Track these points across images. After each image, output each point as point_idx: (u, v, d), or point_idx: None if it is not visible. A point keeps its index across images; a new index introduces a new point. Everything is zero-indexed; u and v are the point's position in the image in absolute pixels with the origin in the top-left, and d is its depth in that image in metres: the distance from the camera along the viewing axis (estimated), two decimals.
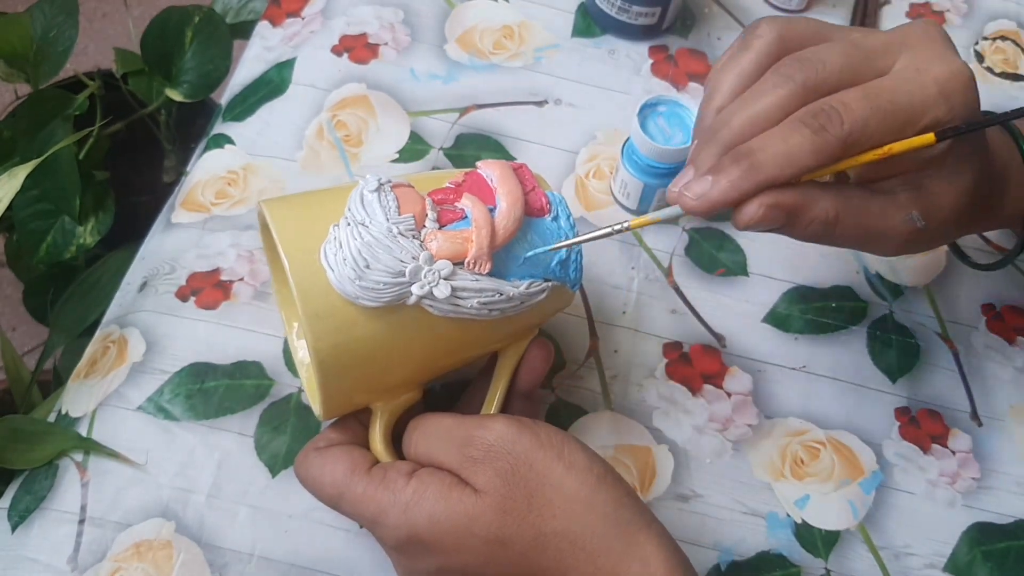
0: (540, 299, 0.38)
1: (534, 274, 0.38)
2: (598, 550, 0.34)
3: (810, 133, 0.34)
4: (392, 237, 0.35)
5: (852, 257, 0.54)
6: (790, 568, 0.45)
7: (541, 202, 0.38)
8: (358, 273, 0.34)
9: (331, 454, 0.38)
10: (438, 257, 0.35)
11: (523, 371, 0.41)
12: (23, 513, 0.44)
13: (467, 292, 0.36)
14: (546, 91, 0.59)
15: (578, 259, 0.39)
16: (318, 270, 0.35)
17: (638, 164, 0.51)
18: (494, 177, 0.38)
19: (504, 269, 0.37)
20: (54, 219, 0.68)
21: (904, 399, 0.50)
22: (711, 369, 0.50)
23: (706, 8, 0.64)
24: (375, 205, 0.35)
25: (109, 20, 1.42)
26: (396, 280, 0.35)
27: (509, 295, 0.37)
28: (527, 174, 0.39)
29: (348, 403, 0.39)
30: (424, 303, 0.35)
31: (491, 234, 0.36)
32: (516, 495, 0.34)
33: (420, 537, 0.35)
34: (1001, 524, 0.47)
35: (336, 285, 0.34)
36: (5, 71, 0.70)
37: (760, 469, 0.48)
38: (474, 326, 0.37)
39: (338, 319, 0.35)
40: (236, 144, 0.55)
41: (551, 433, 0.36)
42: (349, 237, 0.35)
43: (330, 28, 0.60)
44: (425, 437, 0.38)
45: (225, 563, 0.43)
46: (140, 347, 0.48)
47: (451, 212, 0.37)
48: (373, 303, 0.35)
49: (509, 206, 0.37)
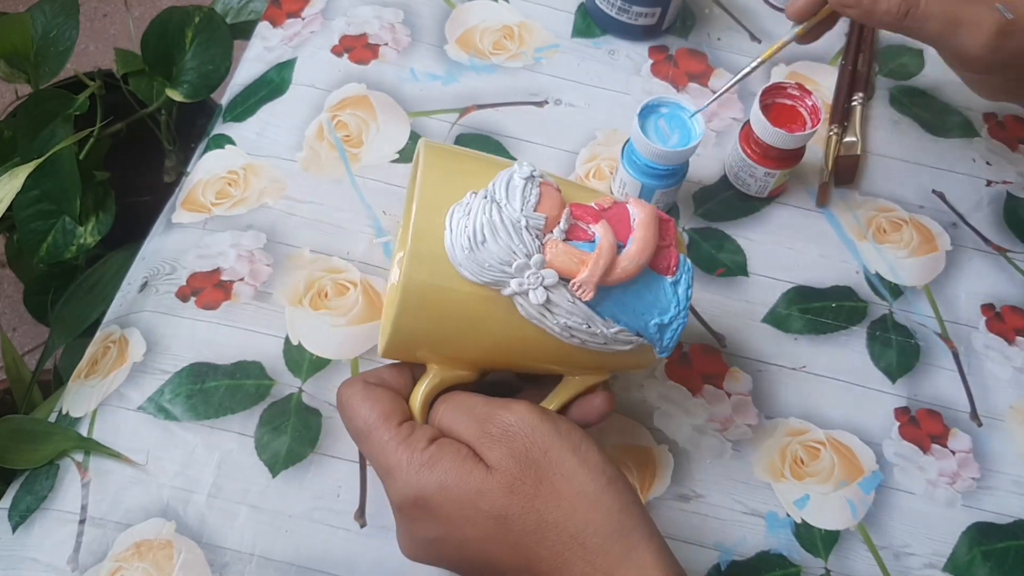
0: (623, 349, 0.38)
1: (630, 324, 0.38)
2: (597, 549, 0.34)
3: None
4: (518, 228, 0.35)
5: (851, 257, 0.54)
6: (790, 568, 0.46)
7: (670, 262, 0.38)
8: (471, 244, 0.35)
9: (375, 393, 0.38)
10: (549, 265, 0.36)
11: (577, 409, 0.41)
12: (24, 513, 0.44)
13: (559, 309, 0.36)
14: (546, 91, 0.59)
15: (679, 329, 0.39)
16: (440, 226, 0.36)
17: (637, 164, 0.51)
18: (638, 218, 0.38)
19: (603, 305, 0.37)
20: (55, 219, 0.68)
21: (904, 399, 0.50)
22: (711, 369, 0.50)
23: (706, 9, 0.64)
24: (517, 192, 0.36)
25: (110, 20, 1.42)
26: (501, 267, 0.35)
27: (595, 331, 0.37)
28: (671, 229, 0.39)
29: (410, 350, 0.39)
30: (516, 300, 0.36)
31: (608, 267, 0.36)
32: (526, 477, 0.35)
33: (427, 501, 0.35)
34: (1001, 524, 0.48)
35: (448, 247, 0.36)
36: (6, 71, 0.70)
37: (760, 469, 0.48)
38: (551, 343, 0.37)
39: (437, 271, 0.36)
40: (236, 144, 0.55)
41: (571, 428, 0.37)
42: (480, 210, 0.36)
43: (330, 28, 0.60)
44: (450, 408, 0.38)
45: (225, 563, 0.43)
46: (141, 347, 0.48)
47: (582, 231, 0.37)
48: (472, 277, 0.36)
49: (638, 250, 0.37)
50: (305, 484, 0.45)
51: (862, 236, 0.55)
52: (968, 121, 0.60)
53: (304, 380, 0.48)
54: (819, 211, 0.56)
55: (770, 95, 0.52)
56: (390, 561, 0.42)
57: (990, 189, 0.58)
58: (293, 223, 0.52)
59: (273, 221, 0.52)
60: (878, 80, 0.62)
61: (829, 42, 0.63)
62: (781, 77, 0.61)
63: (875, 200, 0.57)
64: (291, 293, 0.50)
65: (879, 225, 0.56)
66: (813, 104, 0.51)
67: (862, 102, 0.60)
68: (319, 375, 0.48)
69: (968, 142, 0.60)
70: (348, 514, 0.45)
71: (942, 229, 0.56)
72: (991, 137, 0.60)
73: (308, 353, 0.48)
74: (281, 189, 0.54)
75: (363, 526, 0.45)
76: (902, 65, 0.63)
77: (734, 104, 0.59)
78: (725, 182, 0.56)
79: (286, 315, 0.49)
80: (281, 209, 0.53)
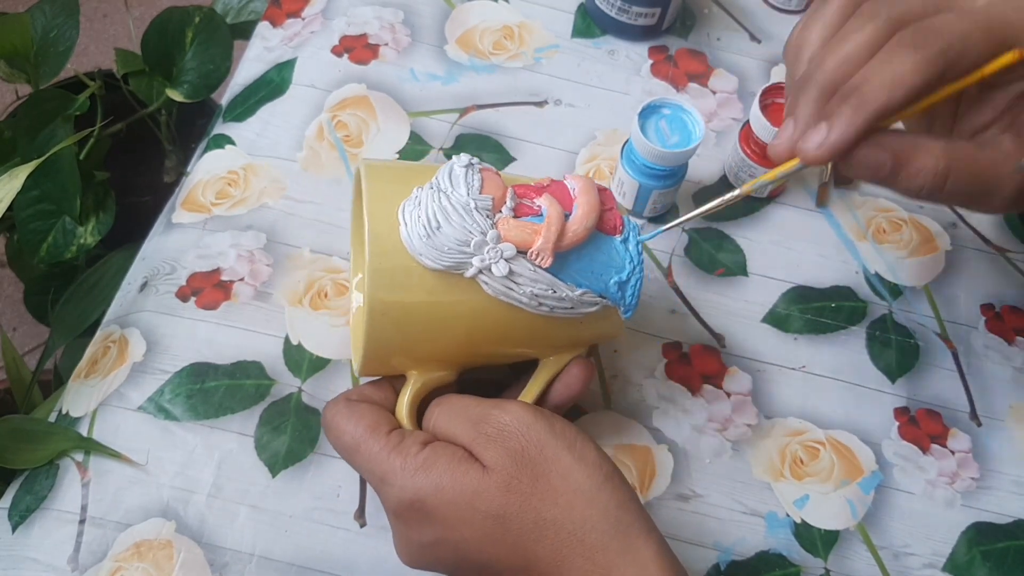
0: (590, 311, 0.39)
1: (592, 286, 0.39)
2: (596, 545, 0.34)
3: (911, 50, 0.33)
4: (468, 210, 0.36)
5: (851, 257, 0.54)
6: (789, 568, 0.46)
7: (616, 222, 0.40)
8: (427, 231, 0.36)
9: (359, 408, 0.39)
10: (504, 240, 0.37)
11: (560, 385, 0.42)
12: (24, 513, 0.44)
13: (523, 279, 0.37)
14: (546, 91, 0.59)
15: (637, 285, 0.40)
16: (394, 225, 0.37)
17: (635, 165, 0.51)
18: (577, 187, 0.39)
19: (564, 272, 0.38)
20: (55, 219, 0.68)
21: (903, 399, 0.50)
22: (711, 369, 0.50)
23: (706, 9, 0.64)
24: (460, 179, 0.37)
25: (110, 20, 1.42)
26: (460, 248, 0.36)
27: (561, 295, 0.38)
28: (609, 196, 0.40)
29: (386, 362, 0.40)
30: (480, 278, 0.37)
31: (559, 232, 0.37)
32: (522, 476, 0.35)
33: (423, 503, 0.35)
34: (1000, 524, 0.48)
35: (404, 239, 0.36)
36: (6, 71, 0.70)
37: (759, 469, 0.48)
38: (522, 316, 0.38)
39: (399, 275, 0.37)
40: (236, 144, 0.55)
41: (566, 426, 0.37)
42: (429, 200, 0.37)
43: (330, 29, 0.60)
44: (444, 412, 0.39)
45: (225, 563, 0.43)
46: (141, 347, 0.48)
47: (528, 207, 0.38)
48: (434, 264, 0.36)
49: (584, 213, 0.38)
50: (305, 484, 0.45)
51: (862, 236, 0.55)
52: None
53: (304, 380, 0.48)
54: (819, 211, 0.56)
55: (770, 95, 0.52)
56: (389, 561, 0.42)
57: None
58: (293, 223, 0.52)
59: (273, 221, 0.52)
60: None
61: None
62: (781, 77, 0.61)
63: (875, 200, 0.57)
64: (291, 293, 0.50)
65: (879, 225, 0.56)
66: None
67: None
68: (319, 375, 0.48)
69: None
70: (348, 514, 0.45)
71: (942, 229, 0.56)
72: None
73: (308, 353, 0.48)
74: (281, 189, 0.54)
75: (363, 526, 0.45)
76: None
77: (734, 104, 0.59)
78: (725, 182, 0.56)
79: (286, 315, 0.49)
80: (281, 209, 0.53)
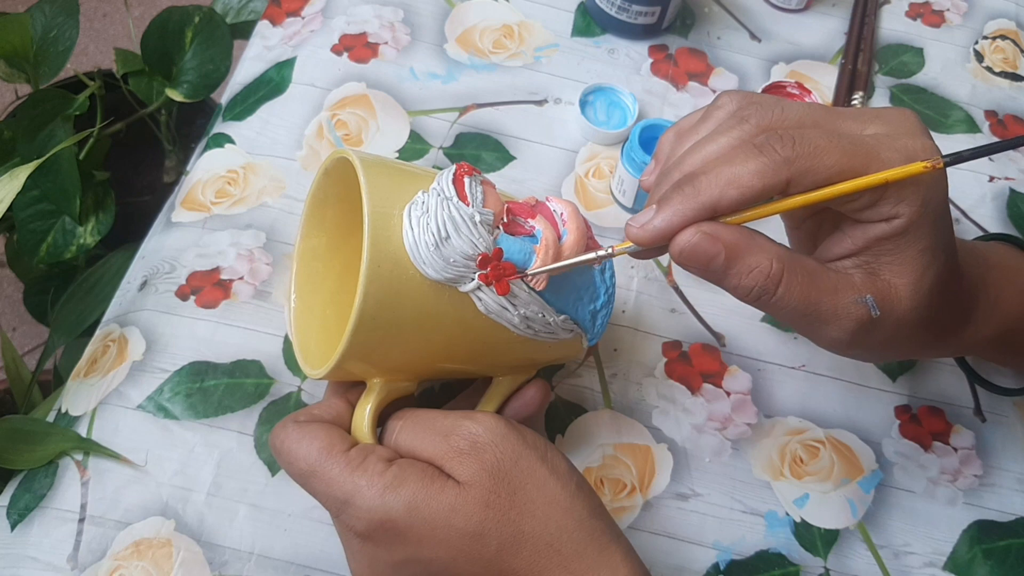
0: (567, 338, 0.39)
1: (570, 312, 0.39)
2: (572, 555, 0.34)
3: (756, 152, 0.32)
4: (474, 223, 0.35)
5: None
6: (789, 567, 0.45)
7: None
8: (437, 241, 0.35)
9: (309, 429, 0.36)
10: None
11: (517, 403, 0.41)
12: (23, 511, 0.44)
13: (518, 300, 0.37)
14: (546, 90, 0.59)
15: (607, 314, 0.40)
16: (394, 229, 0.35)
17: (636, 163, 0.51)
18: (565, 213, 0.39)
19: (548, 296, 0.38)
20: (55, 219, 0.68)
21: (905, 397, 0.50)
22: (710, 368, 0.50)
23: (706, 8, 0.64)
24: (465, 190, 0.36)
25: (109, 20, 1.43)
26: (465, 262, 0.35)
27: (548, 319, 0.38)
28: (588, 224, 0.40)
29: (357, 369, 0.38)
30: (476, 294, 0.36)
31: (556, 256, 0.37)
32: (500, 490, 0.34)
33: (394, 523, 0.34)
34: (1002, 522, 0.47)
35: (409, 246, 0.35)
36: (5, 71, 0.70)
37: (759, 468, 0.48)
38: (504, 336, 0.38)
39: (396, 282, 0.35)
40: (236, 143, 0.55)
41: (535, 437, 0.37)
42: (438, 207, 0.35)
43: (330, 27, 0.60)
44: (409, 425, 0.37)
45: (225, 561, 0.43)
46: (140, 346, 0.48)
47: (521, 227, 0.38)
48: (436, 275, 0.35)
49: (575, 240, 0.38)
50: None
51: None
52: (970, 117, 0.60)
53: (303, 379, 0.48)
54: None
55: (770, 94, 0.52)
56: None
57: (992, 185, 0.58)
58: (293, 222, 0.52)
59: (273, 220, 0.52)
60: (877, 79, 0.62)
61: (829, 41, 0.63)
62: (781, 76, 0.61)
63: None
64: None
65: None
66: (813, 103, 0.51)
67: (862, 101, 0.59)
68: None
69: (970, 138, 0.59)
70: None
71: None
72: (992, 134, 0.60)
73: None
74: (281, 188, 0.54)
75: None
76: (902, 63, 0.63)
77: None
78: None
79: (285, 314, 0.49)
80: (281, 208, 0.53)
